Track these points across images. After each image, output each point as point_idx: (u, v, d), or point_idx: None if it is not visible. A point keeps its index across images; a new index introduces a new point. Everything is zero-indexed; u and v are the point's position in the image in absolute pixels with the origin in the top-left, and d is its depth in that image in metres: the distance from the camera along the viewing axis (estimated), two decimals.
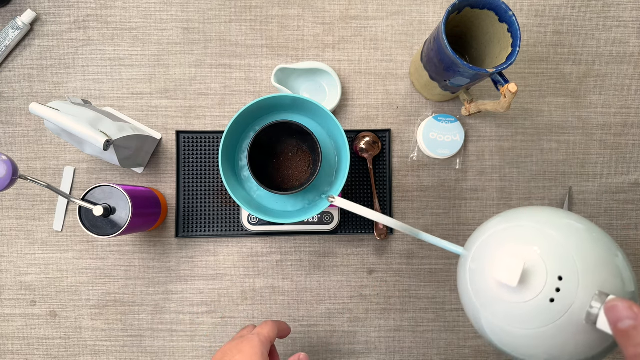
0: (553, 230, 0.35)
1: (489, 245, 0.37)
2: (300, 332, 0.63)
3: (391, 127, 0.65)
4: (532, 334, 0.33)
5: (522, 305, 0.33)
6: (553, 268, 0.32)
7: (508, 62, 0.50)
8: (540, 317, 0.32)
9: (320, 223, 0.61)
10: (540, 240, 0.34)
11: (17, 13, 0.64)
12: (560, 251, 0.33)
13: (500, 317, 0.35)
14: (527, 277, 0.33)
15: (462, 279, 0.39)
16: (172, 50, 0.65)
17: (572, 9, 0.67)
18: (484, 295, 0.36)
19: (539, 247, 0.34)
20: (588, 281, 0.31)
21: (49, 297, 0.63)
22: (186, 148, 0.64)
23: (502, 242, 0.37)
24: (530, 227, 0.36)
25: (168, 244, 0.64)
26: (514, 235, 0.36)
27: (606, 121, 0.67)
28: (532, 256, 0.33)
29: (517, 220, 0.38)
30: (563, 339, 0.32)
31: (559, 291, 0.32)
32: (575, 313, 0.31)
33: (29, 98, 0.64)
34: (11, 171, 0.45)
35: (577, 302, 0.31)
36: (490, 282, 0.35)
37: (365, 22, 0.66)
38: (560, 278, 0.32)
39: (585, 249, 0.33)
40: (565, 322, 0.31)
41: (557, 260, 0.33)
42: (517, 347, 0.35)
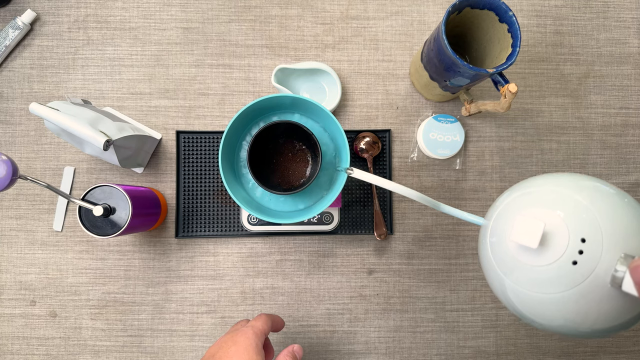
0: (576, 193, 0.34)
1: (509, 211, 0.37)
2: (300, 332, 0.63)
3: (391, 127, 0.65)
4: (556, 299, 0.32)
5: (544, 269, 0.32)
6: (575, 230, 0.31)
7: (508, 63, 0.50)
8: (563, 280, 0.31)
9: (320, 223, 0.61)
10: (562, 202, 0.33)
11: (17, 13, 0.64)
12: (583, 213, 0.32)
13: (523, 283, 0.34)
14: (549, 239, 0.32)
15: (483, 249, 0.38)
16: (172, 50, 0.65)
17: (572, 9, 0.67)
18: (506, 262, 0.35)
19: (561, 209, 0.33)
20: (613, 243, 0.30)
21: (48, 297, 0.63)
22: (186, 148, 0.64)
23: (523, 206, 0.36)
24: (552, 191, 0.35)
25: (168, 244, 0.64)
26: (535, 200, 0.35)
27: (606, 121, 0.67)
28: (553, 218, 0.32)
29: (538, 185, 0.37)
30: (587, 303, 0.31)
31: (582, 253, 0.31)
32: (600, 276, 0.30)
33: (29, 98, 0.64)
34: (11, 171, 0.45)
35: (601, 265, 0.30)
36: (511, 247, 0.34)
37: (365, 22, 0.66)
38: (584, 240, 0.31)
39: (611, 211, 0.32)
40: (589, 286, 0.30)
41: (580, 221, 0.32)
42: (541, 313, 0.34)
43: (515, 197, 0.37)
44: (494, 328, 0.64)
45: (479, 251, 0.40)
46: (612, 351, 0.65)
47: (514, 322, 0.65)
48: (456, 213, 0.42)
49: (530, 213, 0.34)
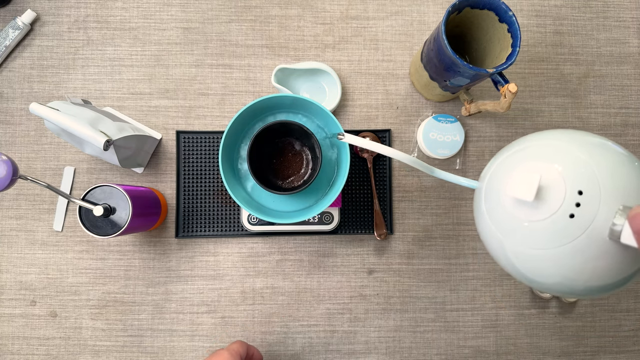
0: (573, 146, 0.33)
1: (503, 168, 0.36)
2: (300, 332, 0.64)
3: (391, 127, 0.65)
4: (553, 254, 0.31)
5: (542, 223, 0.31)
6: (572, 182, 0.30)
7: (508, 62, 0.50)
8: (560, 234, 0.30)
9: (320, 223, 0.61)
10: (558, 155, 0.33)
11: (17, 13, 0.64)
12: (580, 165, 0.31)
13: (520, 241, 0.33)
14: (544, 192, 0.31)
15: (478, 212, 0.37)
16: (172, 50, 0.65)
17: (572, 9, 0.67)
18: (503, 221, 0.34)
19: (557, 161, 0.32)
20: (611, 196, 0.29)
21: (49, 297, 0.63)
22: (186, 148, 0.64)
23: (518, 162, 0.35)
24: (547, 145, 0.34)
25: (168, 244, 0.64)
26: (530, 154, 0.35)
27: (606, 121, 0.67)
28: (549, 171, 0.32)
29: (533, 140, 0.36)
30: (584, 258, 0.30)
31: (579, 206, 0.30)
32: (598, 229, 0.29)
33: (29, 98, 0.64)
34: (11, 171, 0.45)
35: (599, 217, 0.29)
36: (507, 203, 0.33)
37: (365, 22, 0.66)
38: (581, 192, 0.30)
39: (609, 164, 0.31)
40: (587, 239, 0.30)
41: (577, 174, 0.31)
42: (539, 270, 0.33)
43: (509, 154, 0.36)
44: (494, 328, 0.64)
45: (475, 216, 0.39)
46: (612, 351, 0.65)
47: (514, 322, 0.65)
48: (450, 177, 0.41)
49: (525, 167, 0.34)
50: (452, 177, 0.41)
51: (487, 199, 0.36)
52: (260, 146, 0.52)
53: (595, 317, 0.65)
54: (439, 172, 0.43)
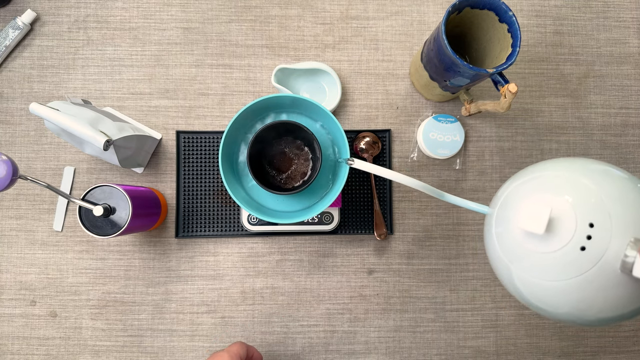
0: (583, 176, 0.33)
1: (514, 198, 0.36)
2: (300, 332, 0.64)
3: (391, 127, 0.65)
4: (564, 286, 0.31)
5: (552, 255, 0.31)
6: (583, 214, 0.30)
7: (508, 62, 0.50)
8: (571, 267, 0.30)
9: (320, 223, 0.61)
10: (569, 187, 0.32)
11: (17, 13, 0.64)
12: (591, 197, 0.31)
13: (530, 271, 0.33)
14: (555, 225, 0.31)
15: (488, 238, 0.37)
16: (172, 50, 0.65)
17: (572, 9, 0.67)
18: (512, 250, 0.34)
19: (568, 193, 0.32)
20: (622, 228, 0.29)
21: (49, 297, 0.63)
22: (186, 148, 0.64)
23: (528, 192, 0.35)
24: (557, 176, 0.34)
25: (168, 244, 0.64)
26: (540, 185, 0.34)
27: (606, 121, 0.67)
28: (559, 203, 0.31)
29: (543, 170, 0.36)
30: (595, 290, 0.30)
31: (590, 239, 0.30)
32: (609, 262, 0.29)
33: (29, 98, 0.64)
34: (11, 171, 0.45)
35: (610, 250, 0.29)
36: (517, 234, 0.33)
37: (365, 22, 0.66)
38: (592, 225, 0.30)
39: (620, 195, 0.31)
40: (598, 272, 0.29)
41: (588, 206, 0.31)
42: (548, 300, 0.33)
43: (520, 183, 0.36)
44: (494, 328, 0.64)
45: (485, 240, 0.39)
46: (612, 351, 0.65)
47: (514, 322, 0.65)
48: (460, 202, 0.41)
49: (536, 198, 0.33)
50: (463, 202, 0.41)
51: (497, 225, 0.36)
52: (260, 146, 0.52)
53: None
54: (449, 196, 0.42)
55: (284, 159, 0.55)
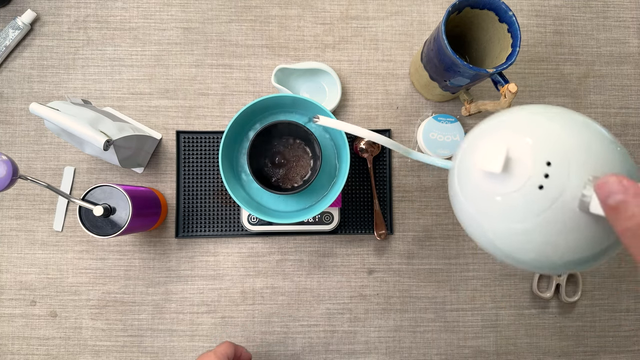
0: (542, 117, 0.33)
1: (473, 143, 0.36)
2: (300, 332, 0.64)
3: (391, 127, 0.65)
4: (527, 228, 0.31)
5: (512, 196, 0.31)
6: (540, 153, 0.30)
7: (508, 62, 0.50)
8: (531, 206, 0.30)
9: (320, 223, 0.61)
10: (527, 127, 0.33)
11: (17, 13, 0.64)
12: (549, 136, 0.31)
13: (494, 215, 0.33)
14: (513, 164, 0.31)
15: (452, 192, 0.37)
16: (172, 50, 0.65)
17: (572, 9, 0.67)
18: (475, 197, 0.34)
19: (525, 132, 0.32)
20: (580, 166, 0.29)
21: (49, 297, 0.63)
22: (186, 148, 0.64)
23: (486, 134, 0.35)
24: (520, 118, 0.34)
25: (168, 244, 0.64)
26: (499, 126, 0.35)
27: (606, 121, 0.67)
28: (517, 142, 0.31)
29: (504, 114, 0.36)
30: (556, 231, 0.30)
31: (548, 177, 0.30)
32: (568, 201, 0.29)
33: (29, 98, 0.64)
34: (11, 171, 0.45)
35: (568, 189, 0.29)
36: (477, 177, 0.33)
37: (365, 22, 0.66)
38: (549, 163, 0.30)
39: (578, 134, 0.31)
40: (558, 211, 0.29)
41: (545, 145, 0.31)
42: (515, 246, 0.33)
43: (480, 130, 0.36)
44: (494, 328, 0.64)
45: (450, 197, 0.38)
46: (612, 351, 0.65)
47: (514, 321, 0.65)
48: (426, 159, 0.41)
49: (493, 138, 0.34)
50: (429, 158, 0.41)
51: (459, 177, 0.36)
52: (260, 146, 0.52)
53: (595, 317, 0.65)
54: (416, 154, 0.42)
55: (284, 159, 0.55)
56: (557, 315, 0.65)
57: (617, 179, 0.26)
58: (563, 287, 0.64)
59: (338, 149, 0.54)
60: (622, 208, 0.25)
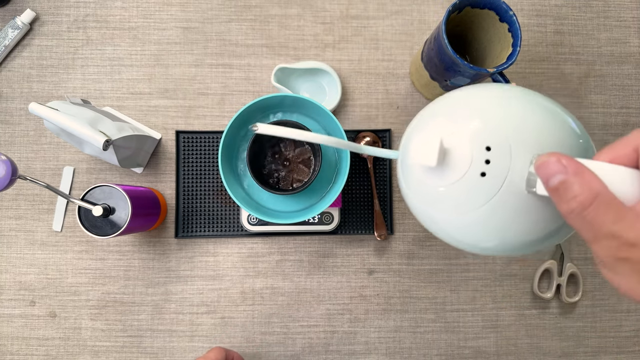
0: (477, 99, 0.31)
1: (411, 134, 0.34)
2: (300, 333, 0.63)
3: (391, 127, 0.65)
4: (474, 217, 0.29)
5: (455, 187, 0.29)
6: (478, 139, 0.28)
7: (508, 62, 0.50)
8: (477, 194, 0.29)
9: (320, 223, 0.61)
10: (462, 112, 0.31)
11: (16, 13, 0.64)
12: (486, 119, 0.29)
13: (443, 207, 0.31)
14: (450, 154, 0.29)
15: (400, 184, 0.35)
16: (172, 49, 0.65)
17: (572, 8, 0.67)
18: (421, 190, 0.32)
19: (460, 119, 0.30)
20: (523, 146, 0.28)
21: (48, 298, 0.63)
22: (186, 148, 0.64)
23: (421, 124, 0.33)
24: (451, 103, 0.32)
25: (167, 244, 0.64)
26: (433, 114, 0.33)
27: (607, 121, 0.66)
28: (451, 130, 0.30)
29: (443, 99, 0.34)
30: (507, 214, 0.29)
31: (489, 163, 0.28)
32: (514, 183, 0.28)
33: (28, 98, 0.64)
34: (10, 171, 0.44)
35: (512, 172, 0.27)
36: (417, 171, 0.32)
37: (366, 22, 0.66)
38: (489, 148, 0.28)
39: (517, 113, 0.29)
40: (505, 196, 0.28)
41: (482, 129, 0.29)
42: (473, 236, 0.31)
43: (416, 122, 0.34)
44: (495, 328, 0.64)
45: (400, 190, 0.36)
46: (612, 351, 0.65)
47: (514, 322, 0.64)
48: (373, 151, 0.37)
49: (427, 129, 0.32)
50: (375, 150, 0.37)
51: (403, 170, 0.34)
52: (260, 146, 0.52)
53: (596, 318, 0.65)
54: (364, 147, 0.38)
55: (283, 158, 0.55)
56: (558, 316, 0.65)
57: (556, 157, 0.25)
58: (564, 288, 0.64)
59: (338, 149, 0.54)
60: (563, 189, 0.24)
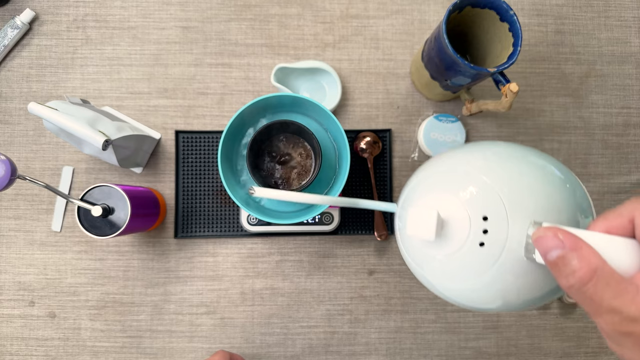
0: (475, 169, 0.31)
1: (409, 199, 0.34)
2: (300, 333, 0.63)
3: (392, 127, 0.65)
4: (476, 284, 0.30)
5: (454, 257, 0.29)
6: (475, 209, 0.29)
7: (509, 62, 0.49)
8: (475, 264, 0.29)
9: (320, 223, 0.61)
10: (459, 183, 0.31)
11: (16, 12, 0.64)
12: (482, 190, 0.29)
13: (439, 274, 0.31)
14: (448, 226, 0.29)
15: (397, 241, 0.36)
16: (171, 49, 0.65)
17: (573, 8, 0.67)
18: (416, 254, 0.33)
19: (457, 190, 0.30)
20: (519, 214, 0.28)
21: (47, 298, 0.62)
22: (185, 148, 0.64)
23: (419, 193, 0.33)
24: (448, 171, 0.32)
25: (167, 245, 0.63)
26: (432, 183, 0.33)
27: (608, 121, 0.66)
28: (448, 203, 0.30)
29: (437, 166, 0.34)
30: (508, 282, 0.29)
31: (487, 233, 0.28)
32: (513, 251, 0.28)
33: (27, 97, 0.64)
34: (10, 171, 0.44)
35: (510, 240, 0.28)
36: (416, 241, 0.32)
37: (366, 21, 0.66)
38: (485, 218, 0.28)
39: (513, 180, 0.30)
40: (505, 264, 0.28)
41: (478, 200, 0.29)
42: (468, 299, 0.32)
43: (415, 183, 0.35)
44: (495, 329, 0.64)
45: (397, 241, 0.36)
46: (613, 352, 0.64)
47: (515, 322, 0.64)
48: (371, 205, 0.38)
49: (424, 201, 0.32)
50: (373, 203, 0.38)
51: (402, 236, 0.34)
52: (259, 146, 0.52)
53: None
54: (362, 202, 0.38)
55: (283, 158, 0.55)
56: (559, 316, 0.65)
57: (553, 232, 0.25)
58: None
59: (338, 149, 0.54)
60: (562, 264, 0.24)
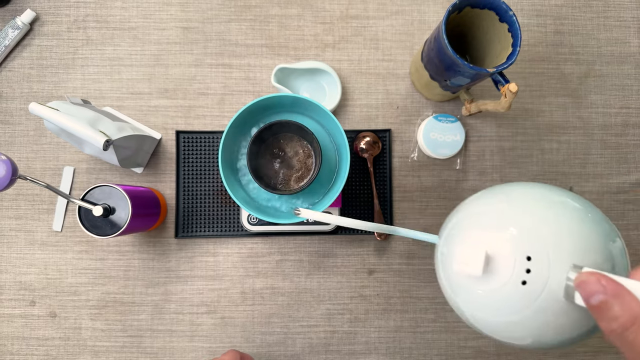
0: (520, 209, 0.33)
1: (454, 234, 0.36)
2: (300, 333, 0.63)
3: (391, 127, 0.65)
4: (513, 320, 0.31)
5: (495, 293, 0.31)
6: (520, 249, 0.31)
7: (508, 62, 0.50)
8: (516, 301, 0.31)
9: (320, 223, 0.61)
10: (505, 222, 0.33)
11: (16, 13, 0.64)
12: (526, 230, 0.31)
13: (477, 307, 0.33)
14: (494, 263, 0.31)
15: (437, 270, 0.38)
16: (172, 49, 0.65)
17: (572, 8, 0.67)
18: (458, 286, 0.35)
19: (504, 229, 0.32)
20: (560, 256, 0.29)
21: (48, 298, 0.63)
22: (186, 148, 0.64)
23: (466, 229, 0.35)
24: (496, 210, 0.34)
25: (167, 244, 0.64)
26: (478, 221, 0.35)
27: (607, 121, 0.66)
28: (495, 241, 0.32)
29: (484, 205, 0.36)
30: (546, 320, 0.30)
31: (530, 272, 0.30)
32: (553, 291, 0.29)
33: (28, 98, 0.64)
34: (10, 171, 0.44)
35: (551, 281, 0.29)
36: (459, 273, 0.34)
37: (366, 22, 0.66)
38: (529, 258, 0.30)
39: (555, 222, 0.31)
40: (544, 303, 0.30)
41: (524, 240, 0.31)
42: (502, 333, 0.33)
43: (460, 218, 0.37)
44: None
45: (435, 267, 0.39)
46: (612, 351, 0.65)
47: None
48: (411, 234, 0.41)
49: (472, 237, 0.34)
50: (413, 233, 0.41)
51: (442, 260, 0.36)
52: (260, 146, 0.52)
53: None
54: (401, 230, 0.42)
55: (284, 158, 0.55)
56: None
57: (596, 278, 0.26)
58: None
59: (338, 149, 0.54)
60: (604, 308, 0.26)
